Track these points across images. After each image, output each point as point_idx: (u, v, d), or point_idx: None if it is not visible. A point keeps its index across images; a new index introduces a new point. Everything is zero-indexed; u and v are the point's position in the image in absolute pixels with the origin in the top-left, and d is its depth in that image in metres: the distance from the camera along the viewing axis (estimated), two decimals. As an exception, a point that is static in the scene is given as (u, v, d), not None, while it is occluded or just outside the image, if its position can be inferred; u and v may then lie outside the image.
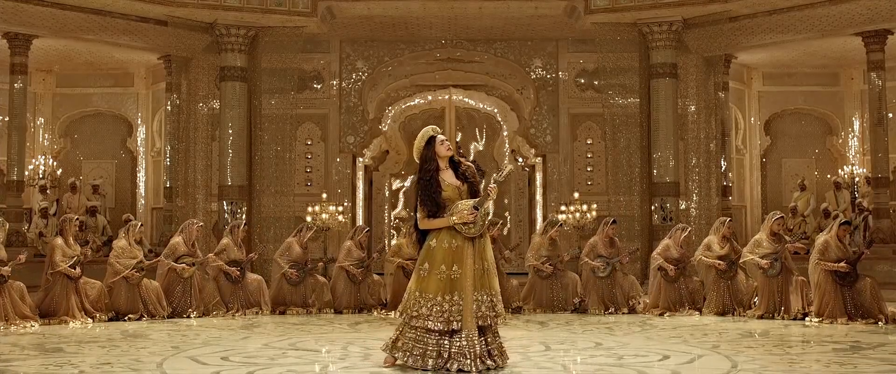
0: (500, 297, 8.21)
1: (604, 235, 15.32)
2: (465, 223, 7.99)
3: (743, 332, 11.45)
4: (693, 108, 21.38)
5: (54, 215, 22.74)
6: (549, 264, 15.06)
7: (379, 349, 9.64)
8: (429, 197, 8.11)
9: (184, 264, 14.29)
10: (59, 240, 13.40)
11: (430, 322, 7.91)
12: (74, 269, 13.30)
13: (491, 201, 8.12)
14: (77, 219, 14.42)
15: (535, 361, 8.83)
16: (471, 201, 8.08)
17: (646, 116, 21.13)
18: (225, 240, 15.16)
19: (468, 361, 7.86)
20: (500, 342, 8.26)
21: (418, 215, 8.26)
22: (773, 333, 11.34)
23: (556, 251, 15.36)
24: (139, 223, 14.82)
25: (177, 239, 14.59)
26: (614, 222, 15.71)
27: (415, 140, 8.50)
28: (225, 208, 20.83)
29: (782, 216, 14.68)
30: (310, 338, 11.09)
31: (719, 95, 21.65)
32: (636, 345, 10.14)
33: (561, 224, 16.22)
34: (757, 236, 14.22)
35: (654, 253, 14.97)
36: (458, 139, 24.50)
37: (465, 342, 7.87)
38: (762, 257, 13.74)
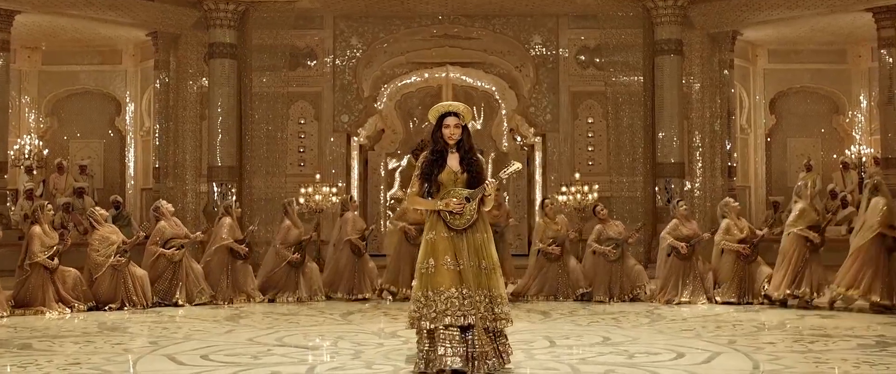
0: (504, 300, 7.49)
1: (604, 218, 14.60)
2: (451, 212, 7.38)
3: (757, 324, 10.81)
4: (697, 86, 20.99)
5: (40, 196, 22.27)
6: (556, 245, 14.24)
7: (372, 346, 9.08)
8: (429, 173, 7.53)
9: (173, 249, 13.65)
10: (38, 228, 12.66)
11: (448, 318, 7.22)
12: (52, 260, 12.58)
13: (491, 198, 7.48)
14: (49, 205, 13.67)
15: (539, 360, 8.19)
16: (465, 192, 7.46)
17: (649, 95, 20.66)
18: (227, 219, 14.40)
19: (485, 362, 7.28)
20: (504, 342, 7.56)
21: (410, 190, 7.71)
22: (790, 325, 10.69)
23: (561, 231, 14.49)
24: (97, 209, 14.05)
25: (161, 223, 13.88)
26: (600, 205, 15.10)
27: (411, 119, 7.84)
28: (214, 189, 20.31)
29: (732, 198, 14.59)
30: (298, 331, 10.40)
31: (724, 72, 21.21)
32: (646, 340, 9.50)
33: (546, 198, 15.73)
34: (726, 223, 13.79)
35: (663, 233, 14.31)
36: (478, 125, 23.96)
37: (473, 337, 7.26)
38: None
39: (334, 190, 20.57)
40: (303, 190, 19.98)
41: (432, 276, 7.31)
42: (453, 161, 7.57)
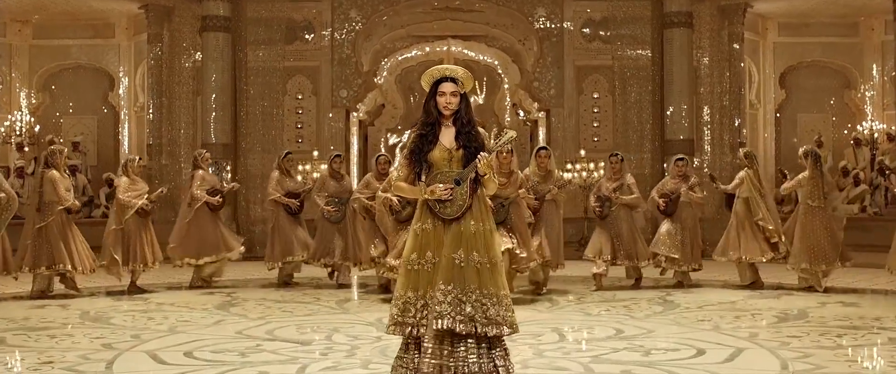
0: (499, 299, 6.03)
1: (613, 171, 13.35)
2: (439, 201, 6.08)
3: (778, 314, 10.16)
4: (706, 60, 20.44)
5: (32, 173, 21.80)
6: (536, 198, 12.14)
7: (369, 341, 8.49)
8: (417, 151, 6.21)
9: (218, 198, 13.29)
10: (55, 173, 12.34)
11: (432, 326, 5.97)
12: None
13: (492, 180, 6.16)
14: (65, 148, 13.41)
15: (549, 358, 7.57)
16: (455, 172, 6.15)
17: (658, 69, 20.09)
18: (274, 173, 13.67)
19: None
20: (502, 355, 6.14)
21: (396, 173, 6.50)
22: (812, 314, 10.06)
23: (547, 185, 12.51)
24: (137, 158, 13.78)
25: (198, 172, 13.48)
26: (618, 156, 13.60)
27: (411, 94, 6.78)
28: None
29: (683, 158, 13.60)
30: (291, 322, 9.78)
31: (734, 46, 20.65)
32: (662, 333, 8.87)
33: (545, 147, 13.36)
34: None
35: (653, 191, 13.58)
36: (480, 100, 23.36)
37: (427, 357, 5.96)
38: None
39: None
40: (300, 167, 19.45)
41: (416, 274, 6.10)
42: (447, 136, 6.23)
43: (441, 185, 6.09)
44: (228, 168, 19.80)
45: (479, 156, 6.03)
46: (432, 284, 6.02)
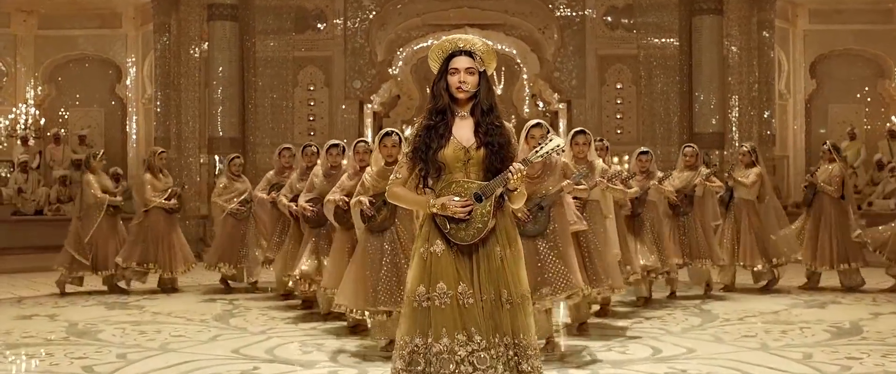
0: (535, 350, 4.82)
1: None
2: (450, 219, 4.77)
3: (829, 328, 9.19)
4: (735, 49, 19.61)
5: (37, 168, 21.30)
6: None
7: (378, 362, 7.66)
8: (424, 148, 4.88)
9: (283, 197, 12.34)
10: (148, 175, 12.65)
11: None
12: (169, 200, 12.67)
13: (521, 193, 4.89)
14: (162, 150, 13.63)
15: (581, 386, 6.75)
16: (475, 185, 4.79)
17: (686, 58, 19.26)
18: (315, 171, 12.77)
19: None
20: None
21: (393, 176, 5.04)
22: (867, 329, 9.10)
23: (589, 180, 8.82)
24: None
25: (269, 174, 12.76)
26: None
27: (427, 84, 5.57)
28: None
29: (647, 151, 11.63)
30: (295, 337, 8.93)
31: (764, 34, 19.81)
32: (705, 353, 7.95)
33: (584, 132, 9.61)
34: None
35: None
36: (498, 90, 22.63)
37: None
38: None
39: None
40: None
41: (427, 313, 4.77)
42: (463, 129, 4.89)
43: (455, 198, 4.76)
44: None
45: (511, 167, 4.69)
46: (449, 328, 4.70)
